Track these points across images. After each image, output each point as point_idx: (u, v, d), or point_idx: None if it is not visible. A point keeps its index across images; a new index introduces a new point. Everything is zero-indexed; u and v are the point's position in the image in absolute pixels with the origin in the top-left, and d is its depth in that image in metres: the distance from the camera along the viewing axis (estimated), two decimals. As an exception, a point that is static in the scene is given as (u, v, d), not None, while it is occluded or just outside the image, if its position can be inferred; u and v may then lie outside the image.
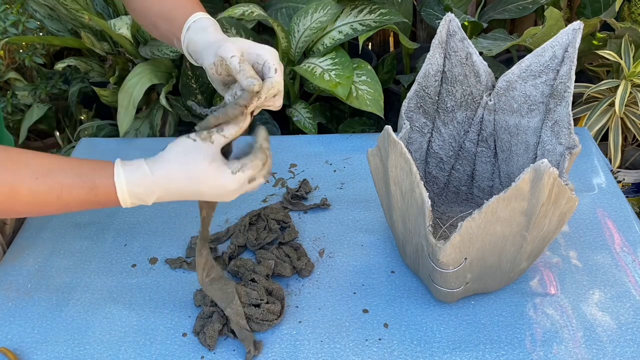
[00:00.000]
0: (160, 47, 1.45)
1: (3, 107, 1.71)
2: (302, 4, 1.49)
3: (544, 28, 1.29)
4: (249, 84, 0.69)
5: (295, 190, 1.06)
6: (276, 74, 0.72)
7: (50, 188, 0.68)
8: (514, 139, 0.92)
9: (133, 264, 0.93)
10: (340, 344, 0.79)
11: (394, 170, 0.75)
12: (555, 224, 0.76)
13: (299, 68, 1.36)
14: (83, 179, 0.69)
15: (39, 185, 0.68)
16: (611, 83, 1.48)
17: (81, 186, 0.69)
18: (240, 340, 0.79)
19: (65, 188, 0.68)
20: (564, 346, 0.78)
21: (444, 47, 0.90)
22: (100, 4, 1.56)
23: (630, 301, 0.83)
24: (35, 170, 0.68)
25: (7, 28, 1.51)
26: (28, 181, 0.68)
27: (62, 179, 0.69)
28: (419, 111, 0.94)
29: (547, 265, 0.90)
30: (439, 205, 1.00)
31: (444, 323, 0.82)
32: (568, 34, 0.84)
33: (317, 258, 0.93)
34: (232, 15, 1.34)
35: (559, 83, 0.85)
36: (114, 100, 1.52)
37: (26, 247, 0.97)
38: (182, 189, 0.69)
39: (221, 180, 0.68)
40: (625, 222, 0.96)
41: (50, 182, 0.68)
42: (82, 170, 0.70)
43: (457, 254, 0.73)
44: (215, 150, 0.69)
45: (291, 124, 1.59)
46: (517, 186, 0.67)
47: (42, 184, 0.68)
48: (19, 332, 0.83)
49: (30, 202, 0.69)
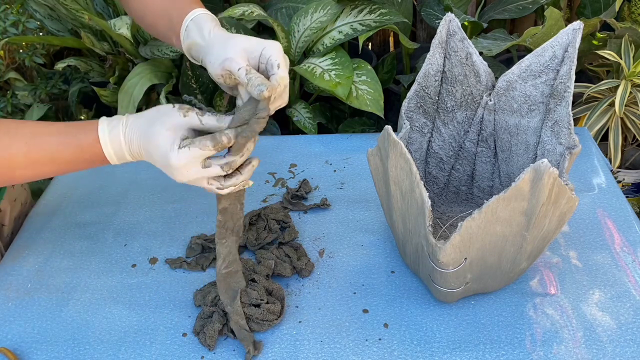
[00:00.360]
0: (160, 47, 1.45)
1: (3, 107, 1.71)
2: (302, 4, 1.49)
3: (544, 28, 1.29)
4: (259, 92, 0.69)
5: (295, 190, 1.06)
6: (279, 69, 0.71)
7: (42, 151, 0.72)
8: (514, 139, 0.92)
9: (133, 264, 0.93)
10: (340, 344, 0.79)
11: (394, 170, 0.75)
12: (555, 224, 0.76)
13: (299, 68, 1.36)
14: (70, 139, 0.72)
15: (31, 150, 0.72)
16: (611, 83, 1.48)
17: (69, 145, 0.72)
18: (240, 340, 0.79)
19: (55, 149, 0.72)
20: (564, 346, 0.78)
21: (444, 47, 0.90)
22: (100, 4, 1.56)
23: (630, 301, 0.83)
24: (25, 136, 0.72)
25: (7, 28, 1.50)
26: (21, 148, 0.71)
27: (51, 141, 0.72)
28: (419, 111, 0.94)
29: (547, 265, 0.90)
30: (439, 205, 1.00)
31: (444, 323, 0.82)
32: (568, 34, 0.84)
33: (317, 258, 0.93)
34: (232, 15, 1.34)
35: (559, 83, 0.85)
36: (114, 100, 1.52)
37: (26, 248, 0.97)
38: (140, 148, 0.71)
39: (166, 150, 0.68)
40: (625, 222, 0.96)
41: (42, 144, 0.72)
42: (70, 130, 0.73)
43: (457, 254, 0.73)
44: (181, 122, 0.69)
45: (291, 124, 1.59)
46: (517, 186, 0.67)
47: (34, 148, 0.72)
48: (19, 332, 0.83)
49: (27, 166, 0.73)
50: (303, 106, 1.48)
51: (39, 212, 1.05)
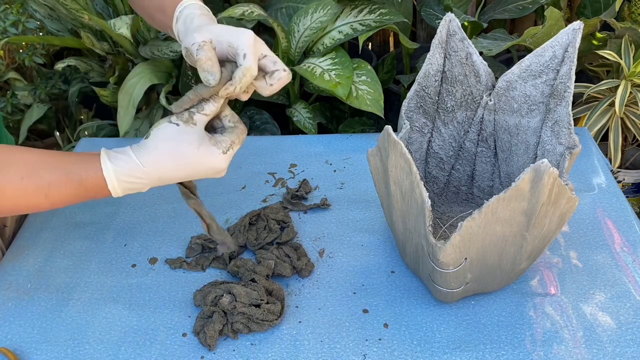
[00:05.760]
0: (160, 47, 1.45)
1: (3, 107, 1.71)
2: (302, 4, 1.49)
3: (544, 28, 1.29)
4: (204, 78, 0.67)
5: (295, 190, 1.06)
6: (245, 59, 0.67)
7: (37, 186, 0.68)
8: (514, 139, 0.92)
9: (133, 264, 0.93)
10: (340, 344, 0.79)
11: (394, 170, 0.75)
12: (555, 224, 0.76)
13: (299, 68, 1.36)
14: (70, 175, 0.68)
15: (25, 185, 0.67)
16: (611, 83, 1.48)
17: (68, 182, 0.68)
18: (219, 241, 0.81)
19: (53, 186, 0.68)
20: (564, 346, 0.78)
21: (444, 47, 0.90)
22: (100, 4, 1.56)
23: (631, 301, 0.83)
24: (20, 169, 0.67)
25: (7, 28, 1.51)
26: (14, 181, 0.67)
27: (48, 177, 0.68)
28: (419, 111, 0.94)
29: (547, 265, 0.90)
30: (439, 205, 1.00)
31: (444, 323, 0.82)
32: (568, 34, 0.84)
33: (317, 258, 0.93)
34: (232, 15, 1.34)
35: (559, 83, 0.85)
36: (114, 100, 1.52)
37: (26, 247, 0.97)
38: (175, 176, 0.70)
39: (213, 162, 0.68)
40: (625, 222, 0.96)
41: (37, 180, 0.67)
42: (68, 165, 0.69)
43: (457, 254, 0.73)
44: (200, 131, 0.68)
45: (291, 124, 1.59)
46: (517, 186, 0.67)
47: (28, 184, 0.67)
48: (19, 332, 0.83)
49: (18, 202, 0.69)
50: (303, 106, 1.48)
51: (39, 212, 1.04)
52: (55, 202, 0.70)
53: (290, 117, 1.48)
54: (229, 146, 0.69)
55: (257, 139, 1.24)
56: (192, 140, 0.68)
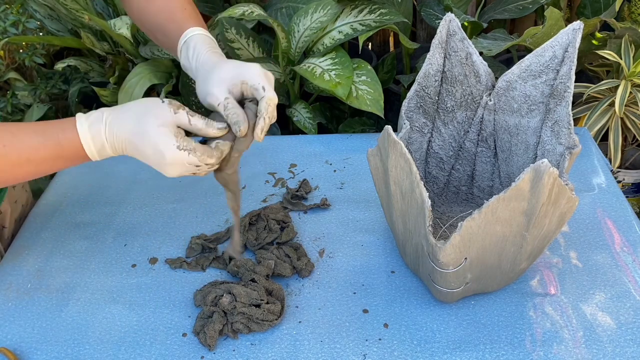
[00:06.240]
0: (160, 47, 1.45)
1: (3, 107, 1.71)
2: (302, 4, 1.49)
3: (544, 28, 1.29)
4: (236, 130, 0.73)
5: (295, 190, 1.06)
6: (265, 91, 0.74)
7: (19, 152, 0.71)
8: (514, 139, 0.92)
9: (133, 264, 0.93)
10: (340, 344, 0.79)
11: (394, 170, 0.75)
12: (555, 224, 0.76)
13: (299, 68, 1.36)
14: (48, 137, 0.71)
15: (8, 152, 0.70)
16: (611, 83, 1.48)
17: (48, 145, 0.71)
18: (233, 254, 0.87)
19: (33, 150, 0.71)
20: (564, 346, 0.78)
21: (444, 47, 0.90)
22: (100, 4, 1.56)
23: (630, 301, 0.83)
24: (2, 137, 0.71)
25: (7, 28, 1.50)
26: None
27: (28, 141, 0.71)
28: (419, 111, 0.94)
29: (547, 265, 0.90)
30: (439, 205, 1.00)
31: (444, 323, 0.82)
32: (568, 34, 0.84)
33: (317, 258, 0.93)
34: (232, 15, 1.34)
35: (559, 83, 0.85)
36: (114, 100, 1.52)
37: (26, 248, 0.97)
38: (128, 143, 0.71)
39: (162, 148, 0.69)
40: (625, 222, 0.96)
41: (18, 145, 0.71)
42: (47, 128, 0.72)
43: (457, 254, 0.73)
44: (172, 119, 0.70)
45: (291, 124, 1.59)
46: (517, 186, 0.67)
47: (10, 151, 0.70)
48: (19, 332, 0.83)
49: (4, 169, 0.72)
50: (303, 106, 1.48)
51: (38, 213, 1.04)
52: (40, 168, 0.73)
53: (290, 117, 1.48)
54: (190, 149, 0.70)
55: (257, 139, 1.24)
56: (159, 117, 0.69)
